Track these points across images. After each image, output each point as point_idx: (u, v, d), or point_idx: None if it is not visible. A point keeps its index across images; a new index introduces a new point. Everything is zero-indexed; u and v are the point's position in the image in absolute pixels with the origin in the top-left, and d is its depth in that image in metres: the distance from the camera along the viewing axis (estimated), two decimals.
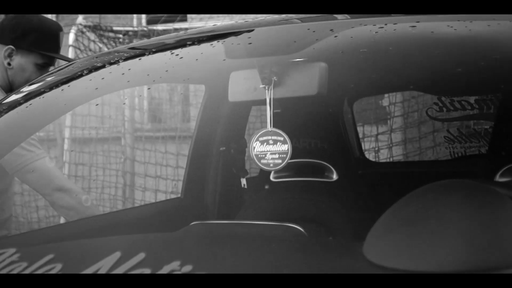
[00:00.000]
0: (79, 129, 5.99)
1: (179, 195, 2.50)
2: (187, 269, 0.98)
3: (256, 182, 2.50)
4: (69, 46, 5.79)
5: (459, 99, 2.95)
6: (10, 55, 2.50)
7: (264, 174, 2.45)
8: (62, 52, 2.69)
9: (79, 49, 5.90)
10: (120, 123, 6.28)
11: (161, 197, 5.65)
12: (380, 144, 4.27)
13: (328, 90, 1.51)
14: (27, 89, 1.72)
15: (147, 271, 1.00)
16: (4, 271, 1.11)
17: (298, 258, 1.11)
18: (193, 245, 1.18)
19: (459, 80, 2.13)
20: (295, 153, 2.08)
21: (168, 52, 1.63)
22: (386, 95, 4.24)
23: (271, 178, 2.41)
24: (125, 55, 1.69)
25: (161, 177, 5.77)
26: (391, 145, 4.35)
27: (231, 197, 2.45)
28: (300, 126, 2.18)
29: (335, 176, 2.35)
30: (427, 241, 1.04)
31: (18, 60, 2.51)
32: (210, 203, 2.41)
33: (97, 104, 4.81)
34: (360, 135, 3.99)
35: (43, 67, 2.55)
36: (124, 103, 5.99)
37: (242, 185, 2.47)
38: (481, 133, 2.94)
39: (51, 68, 2.66)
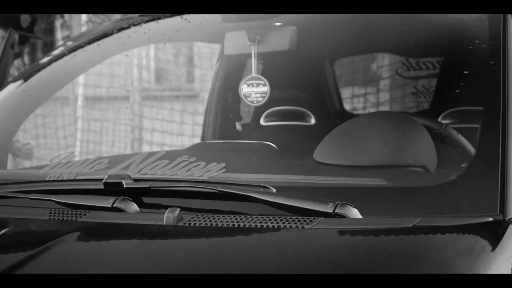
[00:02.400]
0: (91, 87, 6.45)
1: None
2: (192, 159, 1.50)
3: (249, 126, 2.98)
4: None
5: (424, 60, 3.41)
6: None
7: (255, 119, 2.93)
8: None
9: None
10: (128, 82, 6.72)
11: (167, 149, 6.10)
12: (358, 98, 4.68)
13: (304, 48, 2.01)
14: (69, 44, 2.23)
15: (166, 162, 1.52)
16: (65, 166, 1.63)
17: (268, 159, 1.65)
18: (197, 151, 1.72)
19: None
20: (281, 101, 2.57)
21: (178, 17, 2.13)
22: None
23: (261, 122, 2.89)
24: (146, 19, 2.19)
25: (167, 132, 6.23)
26: (373, 104, 4.80)
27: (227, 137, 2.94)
28: (276, 76, 2.65)
29: (313, 121, 2.84)
30: (356, 145, 1.57)
31: None
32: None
33: (126, 55, 5.25)
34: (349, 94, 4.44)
35: None
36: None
37: (237, 128, 2.96)
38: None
39: None
